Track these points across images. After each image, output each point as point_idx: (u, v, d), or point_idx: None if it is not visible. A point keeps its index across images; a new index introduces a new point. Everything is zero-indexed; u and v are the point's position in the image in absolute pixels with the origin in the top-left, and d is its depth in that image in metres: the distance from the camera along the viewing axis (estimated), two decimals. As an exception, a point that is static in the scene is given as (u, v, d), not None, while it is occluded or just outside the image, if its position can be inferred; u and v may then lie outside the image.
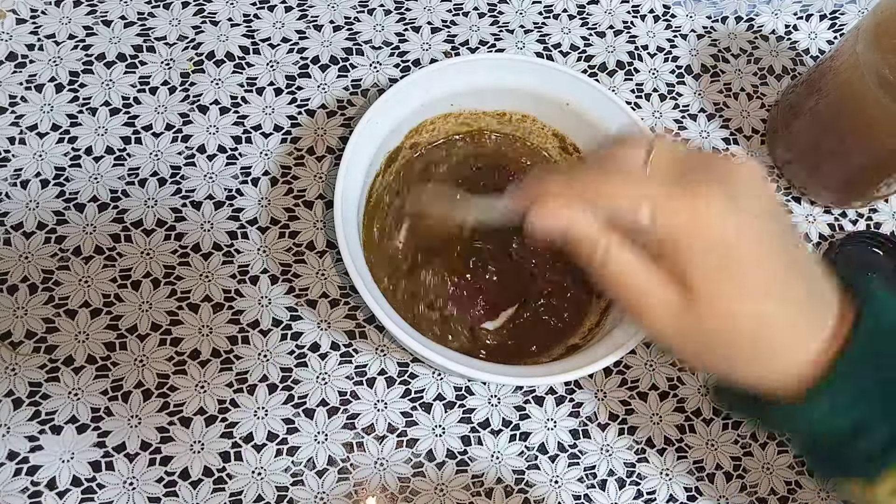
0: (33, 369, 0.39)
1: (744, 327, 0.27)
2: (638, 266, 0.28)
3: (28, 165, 0.42)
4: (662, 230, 0.27)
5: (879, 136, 0.40)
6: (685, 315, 0.27)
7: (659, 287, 0.28)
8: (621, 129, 0.39)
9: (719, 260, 0.26)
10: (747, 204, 0.27)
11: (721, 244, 0.26)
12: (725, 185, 0.27)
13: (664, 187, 0.27)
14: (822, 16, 0.53)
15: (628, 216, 0.27)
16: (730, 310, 0.27)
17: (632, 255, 0.28)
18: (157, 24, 0.47)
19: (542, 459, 0.41)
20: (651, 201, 0.27)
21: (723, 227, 0.26)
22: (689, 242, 0.26)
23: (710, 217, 0.26)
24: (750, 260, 0.27)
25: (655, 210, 0.26)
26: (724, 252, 0.26)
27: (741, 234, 0.26)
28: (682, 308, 0.27)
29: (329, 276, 0.42)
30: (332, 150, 0.45)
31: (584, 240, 0.28)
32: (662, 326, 0.28)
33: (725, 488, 0.41)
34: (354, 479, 0.39)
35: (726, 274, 0.27)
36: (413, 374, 0.41)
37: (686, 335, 0.28)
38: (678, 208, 0.26)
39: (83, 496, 0.37)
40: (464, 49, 0.49)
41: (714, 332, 0.28)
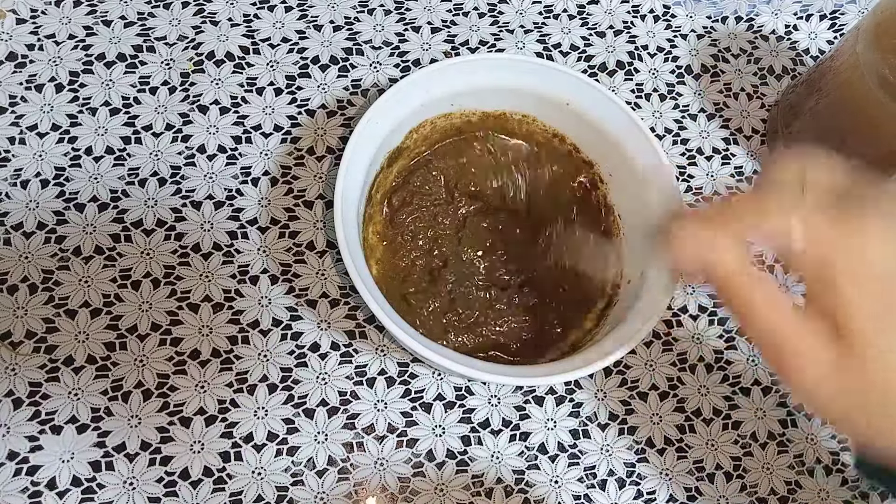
0: (33, 369, 0.39)
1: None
2: (782, 300, 0.25)
3: (28, 165, 0.42)
4: (821, 258, 0.23)
5: (880, 136, 0.40)
6: (842, 370, 0.23)
7: (806, 327, 0.24)
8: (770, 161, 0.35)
9: (883, 298, 0.23)
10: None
11: (883, 279, 0.23)
12: (884, 216, 0.23)
13: (820, 211, 0.24)
14: (822, 16, 0.53)
15: (778, 240, 0.24)
16: (887, 358, 0.23)
17: (779, 295, 0.25)
18: (157, 24, 0.47)
19: (542, 459, 0.41)
20: (804, 225, 0.24)
21: (886, 260, 0.23)
22: (847, 275, 0.23)
23: (872, 246, 0.23)
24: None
25: (815, 234, 0.24)
26: (887, 288, 0.23)
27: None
28: (832, 353, 0.24)
29: (329, 276, 0.42)
30: (332, 150, 0.45)
31: (723, 268, 0.25)
32: (808, 374, 0.24)
33: (725, 488, 0.41)
34: (354, 479, 0.39)
35: (886, 314, 0.23)
36: (413, 374, 0.41)
37: (834, 387, 0.24)
38: (835, 235, 0.23)
39: (83, 496, 0.37)
40: (464, 49, 0.49)
41: (866, 384, 0.24)
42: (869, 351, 0.23)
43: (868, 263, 0.23)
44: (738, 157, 0.48)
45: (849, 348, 0.23)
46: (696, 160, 0.48)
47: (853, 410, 0.25)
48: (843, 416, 0.25)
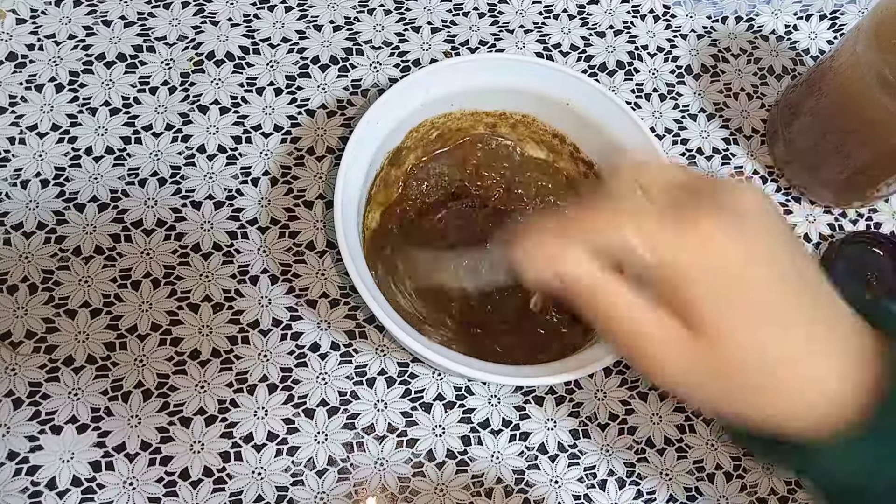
0: (33, 369, 0.39)
1: (755, 360, 0.25)
2: (637, 304, 0.26)
3: (28, 165, 0.42)
4: (661, 260, 0.25)
5: (879, 136, 0.40)
6: (692, 354, 0.25)
7: (662, 326, 0.26)
8: (626, 155, 0.36)
9: (724, 288, 0.25)
10: (752, 227, 0.25)
11: (725, 271, 0.25)
12: (727, 209, 0.25)
13: (658, 214, 0.25)
14: (822, 16, 0.53)
15: (623, 248, 0.25)
16: (739, 342, 0.25)
17: (630, 293, 0.26)
18: (157, 24, 0.47)
19: (542, 459, 0.41)
20: (645, 230, 0.25)
21: (726, 252, 0.25)
22: (691, 271, 0.25)
23: (711, 242, 0.24)
24: (758, 286, 0.25)
25: (651, 239, 0.25)
26: (730, 279, 0.25)
27: (747, 260, 0.25)
28: (688, 347, 0.25)
29: (329, 276, 0.42)
30: (332, 150, 0.45)
31: (576, 281, 0.26)
32: (669, 370, 0.26)
33: (725, 488, 0.41)
34: (354, 479, 0.39)
35: (733, 303, 0.25)
36: (413, 374, 0.41)
37: (695, 377, 0.26)
38: (676, 235, 0.25)
39: (83, 496, 0.37)
40: (464, 49, 0.49)
41: (725, 369, 0.25)
42: (721, 336, 0.25)
43: (709, 256, 0.24)
44: (738, 157, 0.48)
45: (703, 337, 0.25)
46: (697, 160, 0.48)
47: (719, 393, 0.26)
48: (711, 399, 0.27)
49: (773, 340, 0.25)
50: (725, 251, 0.25)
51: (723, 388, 0.26)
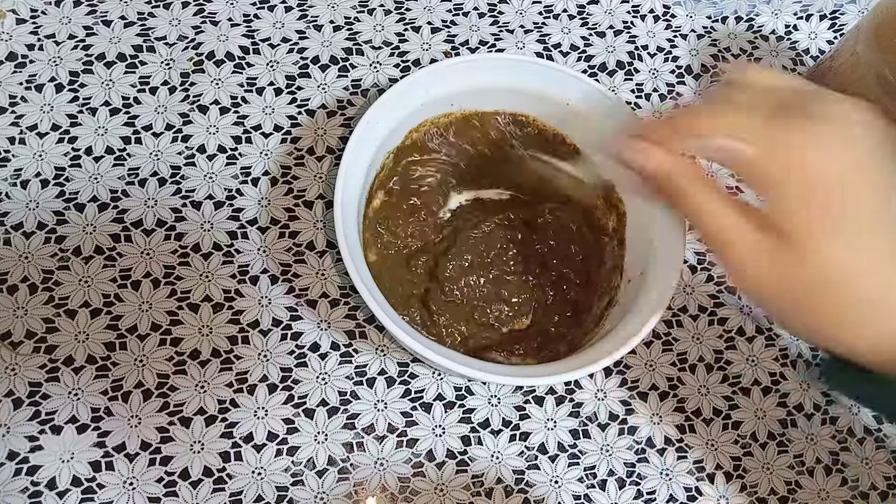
0: (33, 369, 0.39)
1: (839, 274, 0.25)
2: (728, 206, 0.26)
3: (28, 165, 0.42)
4: (760, 164, 0.25)
5: (879, 136, 0.40)
6: (776, 261, 0.25)
7: (749, 229, 0.26)
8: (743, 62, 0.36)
9: (818, 201, 0.24)
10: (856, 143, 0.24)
11: (821, 183, 0.24)
12: (833, 121, 0.24)
13: (765, 119, 0.25)
14: (822, 16, 0.53)
15: (725, 149, 0.25)
16: (825, 253, 0.24)
17: (722, 193, 0.26)
18: (157, 24, 0.47)
19: (542, 459, 0.41)
20: (750, 133, 0.25)
21: (825, 164, 0.24)
22: (787, 179, 0.24)
23: (811, 152, 0.24)
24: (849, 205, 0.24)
25: (754, 142, 0.25)
26: (823, 194, 0.24)
27: (845, 175, 0.24)
28: (773, 253, 0.25)
29: (329, 276, 0.42)
30: (332, 150, 0.45)
31: (679, 184, 0.27)
32: (751, 273, 0.26)
33: (725, 488, 0.41)
34: (354, 479, 0.39)
35: (824, 217, 0.24)
36: (413, 374, 0.41)
37: (776, 284, 0.26)
38: (778, 142, 0.24)
39: (83, 496, 0.37)
40: (464, 49, 0.49)
41: (809, 280, 0.25)
42: (807, 247, 0.25)
43: (807, 166, 0.24)
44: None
45: (789, 246, 0.25)
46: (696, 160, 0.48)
47: (792, 304, 0.26)
48: (789, 312, 0.27)
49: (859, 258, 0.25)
50: (824, 160, 0.24)
51: (804, 303, 0.26)
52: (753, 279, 0.26)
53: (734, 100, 0.27)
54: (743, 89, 0.27)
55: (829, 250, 0.25)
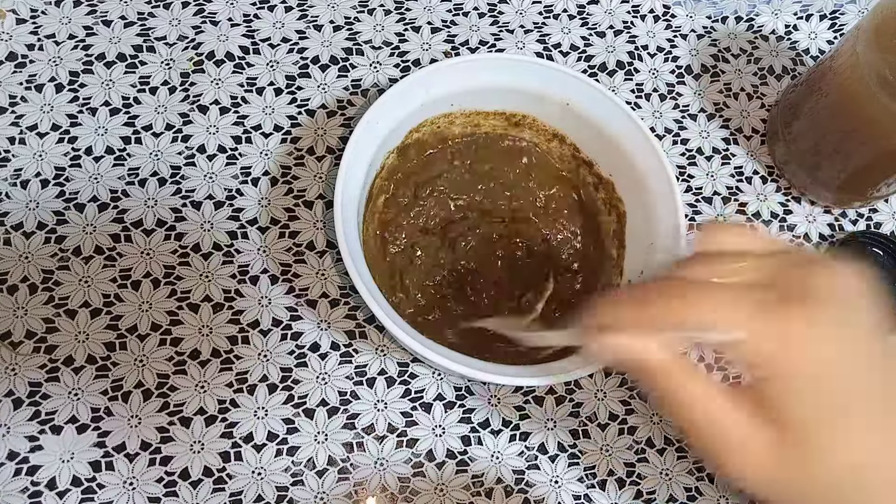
0: (33, 369, 0.39)
1: (848, 474, 0.23)
2: (720, 399, 0.23)
3: (28, 165, 0.42)
4: (755, 352, 0.23)
5: (879, 136, 0.40)
6: (779, 458, 0.23)
7: (748, 430, 0.23)
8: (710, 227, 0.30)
9: (817, 393, 0.22)
10: (854, 324, 0.23)
11: (822, 375, 0.22)
12: (829, 302, 0.23)
13: (757, 305, 0.23)
14: (822, 16, 0.53)
15: (709, 339, 0.23)
16: (830, 453, 0.23)
17: (709, 381, 0.24)
18: (157, 24, 0.47)
19: (542, 459, 0.41)
20: (742, 323, 0.22)
21: (821, 355, 0.22)
22: (786, 372, 0.22)
23: (807, 343, 0.22)
24: (855, 393, 0.23)
25: (748, 332, 0.23)
26: (825, 383, 0.22)
27: (847, 362, 0.23)
28: (774, 450, 0.23)
29: (329, 276, 0.42)
30: (332, 150, 0.45)
31: (661, 376, 0.24)
32: (750, 471, 0.24)
33: (725, 488, 0.41)
34: (354, 479, 0.39)
35: (825, 410, 0.23)
36: (413, 374, 0.41)
37: (780, 484, 0.24)
38: (769, 332, 0.22)
39: (83, 496, 0.37)
40: (464, 49, 0.49)
41: (813, 480, 0.23)
42: (811, 445, 0.23)
43: (803, 359, 0.22)
44: (738, 157, 0.48)
45: (791, 443, 0.23)
46: (696, 160, 0.48)
47: (799, 499, 0.24)
48: (792, 501, 0.25)
49: (868, 451, 0.23)
50: (817, 350, 0.22)
51: (803, 497, 0.24)
52: (752, 477, 0.24)
53: (715, 280, 0.24)
54: (718, 261, 0.25)
55: (839, 446, 0.23)
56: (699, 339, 0.24)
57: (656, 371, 0.24)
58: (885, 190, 0.44)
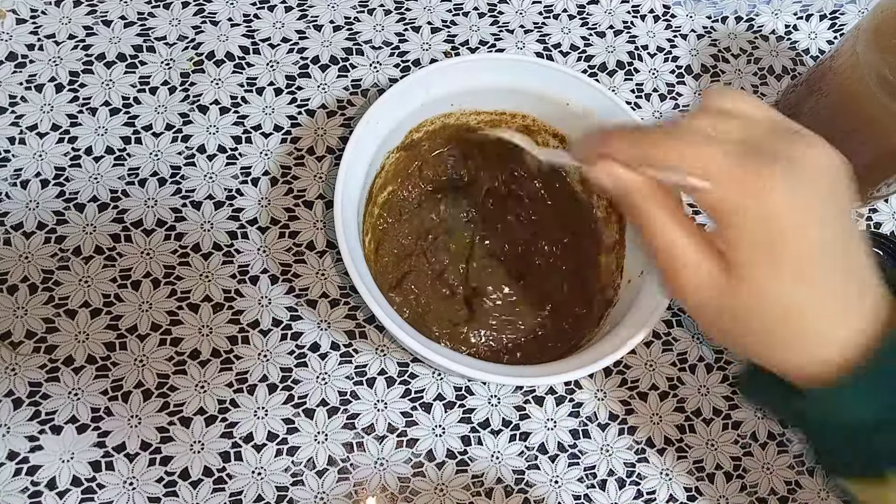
0: (33, 369, 0.39)
1: (775, 308, 0.27)
2: (682, 233, 0.28)
3: (28, 165, 0.42)
4: (719, 199, 0.26)
5: (879, 135, 0.40)
6: (720, 289, 0.27)
7: (700, 257, 0.27)
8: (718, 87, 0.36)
9: (765, 237, 0.26)
10: (812, 186, 0.26)
11: (771, 221, 0.26)
12: (795, 162, 0.26)
13: (734, 158, 0.26)
14: (822, 16, 0.53)
15: (688, 180, 0.26)
16: (764, 288, 0.27)
17: (679, 221, 0.28)
18: (157, 24, 0.47)
19: (542, 459, 0.41)
20: (717, 170, 0.26)
21: (778, 206, 0.26)
22: (742, 215, 0.26)
23: (767, 193, 0.25)
24: (800, 244, 0.26)
25: (716, 178, 0.26)
26: (773, 230, 0.26)
27: (794, 217, 0.26)
28: (719, 281, 0.27)
29: (329, 276, 0.42)
30: (332, 150, 0.45)
31: (635, 202, 0.28)
32: (693, 296, 0.28)
33: (725, 488, 0.41)
34: (354, 479, 0.39)
35: (768, 252, 0.26)
36: (413, 374, 0.41)
37: (718, 310, 0.28)
38: (739, 180, 0.26)
39: (83, 496, 0.37)
40: (464, 49, 0.49)
41: (746, 309, 0.27)
42: (750, 281, 0.26)
43: (762, 205, 0.26)
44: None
45: (734, 277, 0.27)
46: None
47: (735, 330, 0.28)
48: (726, 333, 0.29)
49: (797, 297, 0.27)
50: (778, 204, 0.25)
51: (740, 327, 0.28)
52: (694, 301, 0.28)
53: (705, 130, 0.28)
54: (716, 117, 0.28)
55: (776, 284, 0.27)
56: (675, 180, 0.27)
57: (635, 195, 0.28)
58: (885, 190, 0.44)
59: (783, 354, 0.28)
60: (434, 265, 0.42)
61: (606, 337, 0.37)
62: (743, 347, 0.29)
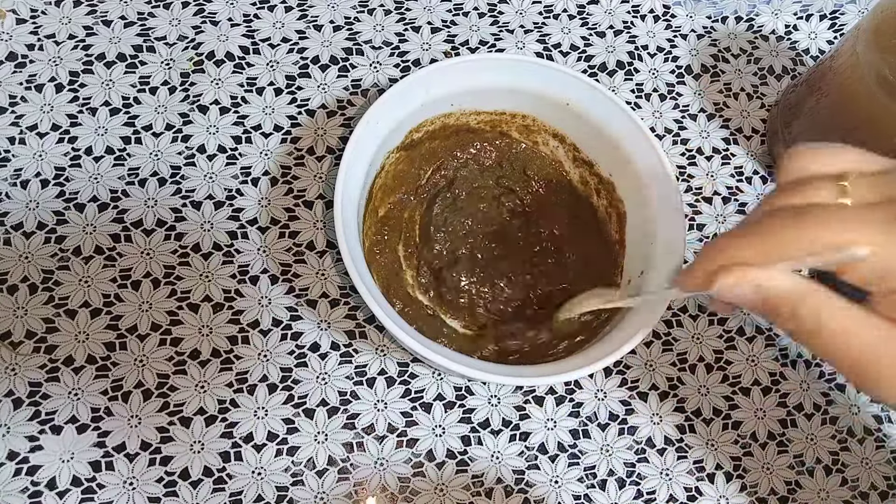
0: (33, 369, 0.39)
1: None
2: (858, 315, 0.23)
3: (28, 165, 0.42)
4: (882, 262, 0.23)
5: (879, 135, 0.40)
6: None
7: (889, 334, 0.23)
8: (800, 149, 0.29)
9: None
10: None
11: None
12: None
13: (880, 220, 0.23)
14: (822, 16, 0.53)
15: (836, 259, 0.23)
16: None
17: (842, 299, 0.24)
18: (157, 24, 0.47)
19: (542, 459, 0.41)
20: (867, 239, 0.23)
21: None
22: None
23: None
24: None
25: (871, 242, 0.23)
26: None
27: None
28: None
29: (329, 276, 0.42)
30: (332, 150, 0.45)
31: (785, 296, 0.24)
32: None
33: (725, 488, 0.41)
34: (354, 479, 0.39)
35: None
36: (413, 374, 0.41)
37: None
38: (888, 234, 0.22)
39: (83, 496, 0.37)
40: (464, 49, 0.49)
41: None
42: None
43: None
44: (738, 157, 0.48)
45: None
46: (696, 160, 0.48)
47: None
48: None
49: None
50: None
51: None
52: None
53: (826, 200, 0.24)
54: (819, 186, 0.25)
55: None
56: (825, 261, 0.23)
57: (789, 298, 0.24)
58: (885, 190, 0.44)
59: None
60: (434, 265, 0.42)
61: (606, 337, 0.37)
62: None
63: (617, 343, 0.35)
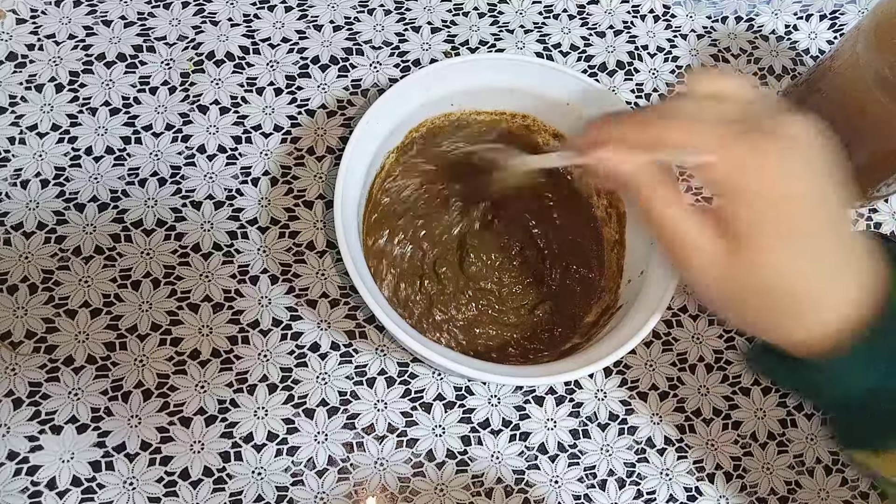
0: (33, 369, 0.39)
1: (780, 281, 0.28)
2: (687, 212, 0.28)
3: (28, 165, 0.42)
4: (724, 174, 0.27)
5: (879, 136, 0.40)
6: (725, 264, 0.28)
7: (704, 235, 0.28)
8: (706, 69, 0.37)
9: (770, 212, 0.27)
10: (803, 159, 0.27)
11: (776, 198, 0.27)
12: (791, 141, 0.27)
13: (732, 134, 0.27)
14: (822, 16, 0.53)
15: (693, 162, 0.27)
16: (769, 261, 0.27)
17: (683, 201, 0.28)
18: (157, 24, 0.47)
19: (542, 459, 0.41)
20: (718, 147, 0.27)
21: (782, 182, 0.27)
22: (746, 191, 0.27)
23: (773, 170, 0.27)
24: (798, 215, 0.27)
25: (721, 153, 0.27)
26: (777, 205, 0.27)
27: (796, 192, 0.27)
28: (724, 257, 0.28)
29: (329, 276, 0.42)
30: (332, 150, 0.45)
31: (639, 184, 0.29)
32: (703, 274, 0.29)
33: (725, 488, 0.41)
34: (354, 479, 0.39)
35: (773, 225, 0.27)
36: (413, 374, 0.41)
37: (725, 285, 0.28)
38: (743, 155, 0.27)
39: (83, 496, 0.37)
40: (464, 49, 0.49)
41: (752, 283, 0.28)
42: (754, 252, 0.27)
43: (767, 181, 0.27)
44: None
45: (738, 251, 0.27)
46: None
47: (738, 303, 0.29)
48: (728, 306, 0.30)
49: (800, 269, 0.28)
50: (777, 177, 0.27)
51: (744, 300, 0.29)
52: (700, 278, 0.29)
53: (701, 111, 0.29)
54: (706, 101, 0.29)
55: (778, 256, 0.27)
56: (673, 159, 0.28)
57: (635, 180, 0.29)
58: (885, 190, 0.44)
59: (786, 327, 0.29)
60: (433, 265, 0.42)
61: (606, 337, 0.37)
62: (748, 322, 0.30)
63: (617, 343, 0.35)
